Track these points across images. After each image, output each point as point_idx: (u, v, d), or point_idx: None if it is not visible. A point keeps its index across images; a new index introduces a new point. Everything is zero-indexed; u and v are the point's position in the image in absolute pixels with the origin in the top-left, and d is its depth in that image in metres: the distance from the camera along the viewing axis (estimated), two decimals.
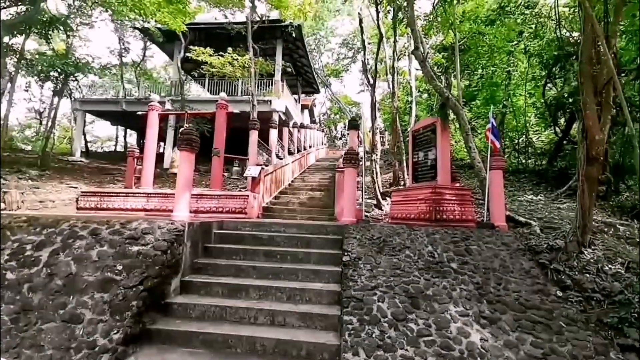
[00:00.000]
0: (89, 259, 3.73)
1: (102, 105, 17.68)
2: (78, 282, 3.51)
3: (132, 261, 3.78)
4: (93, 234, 4.03)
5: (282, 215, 8.09)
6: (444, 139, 6.57)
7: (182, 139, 4.63)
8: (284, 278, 4.46)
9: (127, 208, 7.53)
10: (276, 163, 10.04)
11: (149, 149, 8.27)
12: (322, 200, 9.33)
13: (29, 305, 3.24)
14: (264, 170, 8.24)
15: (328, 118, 39.38)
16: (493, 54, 10.33)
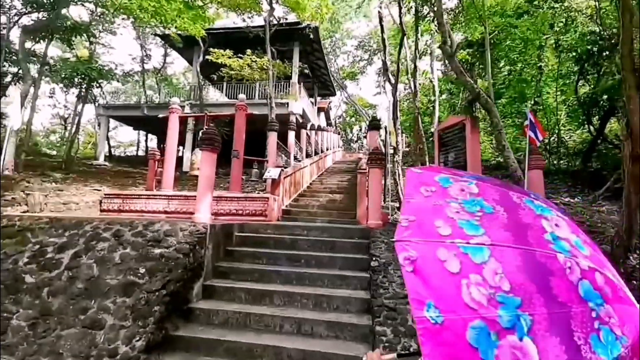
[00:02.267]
0: (111, 262, 3.62)
1: (124, 110, 18.13)
2: (100, 285, 3.39)
3: (155, 264, 3.64)
4: (116, 236, 3.93)
5: (303, 218, 7.87)
6: (474, 138, 6.22)
7: (203, 138, 4.51)
8: (309, 284, 4.23)
9: (148, 210, 7.50)
10: (295, 165, 9.87)
11: (169, 151, 8.27)
12: (342, 203, 9.07)
13: (48, 310, 3.14)
14: (283, 172, 8.07)
15: (344, 121, 39.15)
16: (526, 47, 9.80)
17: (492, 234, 0.85)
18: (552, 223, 0.91)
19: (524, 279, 0.79)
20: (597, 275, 0.83)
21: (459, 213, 0.91)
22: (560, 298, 0.78)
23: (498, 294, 0.77)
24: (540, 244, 0.85)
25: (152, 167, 8.85)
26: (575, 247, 0.86)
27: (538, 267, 0.81)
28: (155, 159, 8.90)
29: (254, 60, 10.24)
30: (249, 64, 10.27)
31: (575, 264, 0.82)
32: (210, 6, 15.69)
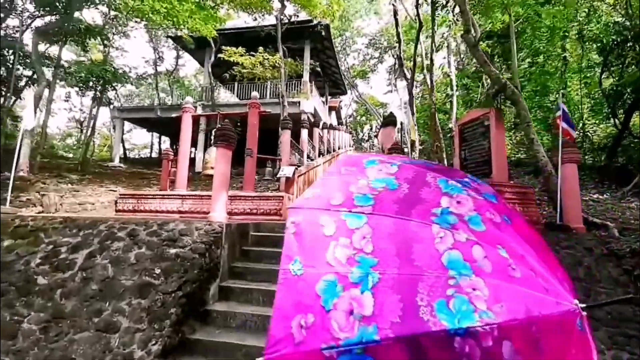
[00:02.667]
0: (126, 262, 3.49)
1: (138, 112, 18.30)
2: (115, 286, 3.26)
3: (170, 264, 3.49)
4: (131, 235, 3.80)
5: None
6: (499, 131, 5.89)
7: (218, 134, 4.35)
8: None
9: (162, 210, 7.43)
10: (308, 164, 9.68)
11: (182, 151, 8.19)
12: None
13: (61, 313, 3.01)
14: (297, 171, 7.89)
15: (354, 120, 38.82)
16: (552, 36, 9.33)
17: (379, 206, 0.94)
18: (453, 200, 0.96)
19: (387, 243, 0.86)
20: (477, 249, 0.85)
21: (361, 188, 1.00)
22: (416, 262, 0.83)
23: (358, 255, 0.86)
24: (422, 215, 0.91)
25: (165, 167, 8.80)
26: (464, 222, 0.90)
27: (407, 234, 0.88)
28: (168, 159, 8.85)
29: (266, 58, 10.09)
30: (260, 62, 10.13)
31: (450, 235, 0.86)
32: (221, 7, 15.72)
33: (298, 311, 0.85)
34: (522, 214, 1.30)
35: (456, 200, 0.97)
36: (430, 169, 1.11)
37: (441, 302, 0.78)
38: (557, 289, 0.86)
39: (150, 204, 7.57)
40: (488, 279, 0.81)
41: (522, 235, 0.97)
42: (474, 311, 0.77)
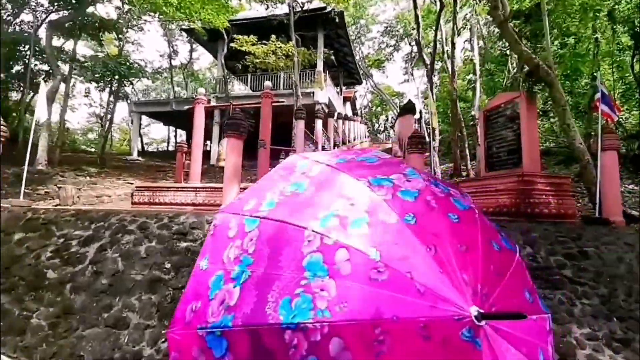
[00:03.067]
0: (136, 256, 3.38)
1: (154, 106, 18.46)
2: (125, 281, 3.16)
3: (181, 258, 3.36)
4: (141, 229, 3.70)
5: None
6: (530, 117, 5.45)
7: (229, 123, 4.17)
8: None
9: (177, 202, 7.39)
10: None
11: (196, 142, 8.12)
12: None
13: (70, 308, 2.93)
14: None
15: (369, 111, 38.12)
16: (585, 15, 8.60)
17: (274, 211, 1.04)
18: (347, 203, 1.00)
19: (266, 246, 0.97)
20: (341, 252, 0.89)
21: (274, 194, 1.10)
22: (281, 263, 0.92)
23: (243, 255, 0.99)
24: (303, 220, 0.97)
25: (180, 159, 8.76)
26: (344, 225, 0.94)
27: (283, 238, 0.97)
28: (182, 151, 8.80)
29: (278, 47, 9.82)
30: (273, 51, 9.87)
31: (318, 239, 0.92)
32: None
33: (194, 298, 1.01)
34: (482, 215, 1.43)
35: (350, 203, 1.00)
36: (360, 166, 1.16)
37: (287, 299, 0.86)
38: (448, 294, 0.82)
39: (165, 196, 7.55)
40: (341, 280, 0.85)
41: (453, 236, 0.97)
42: (311, 309, 0.83)
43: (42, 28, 11.75)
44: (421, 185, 1.10)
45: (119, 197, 8.33)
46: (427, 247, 0.90)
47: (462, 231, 1.00)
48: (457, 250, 0.93)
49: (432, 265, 0.87)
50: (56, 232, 3.67)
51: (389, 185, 1.07)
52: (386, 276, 0.84)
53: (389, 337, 0.78)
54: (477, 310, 0.80)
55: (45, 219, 3.82)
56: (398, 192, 1.04)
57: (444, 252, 0.90)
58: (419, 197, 1.05)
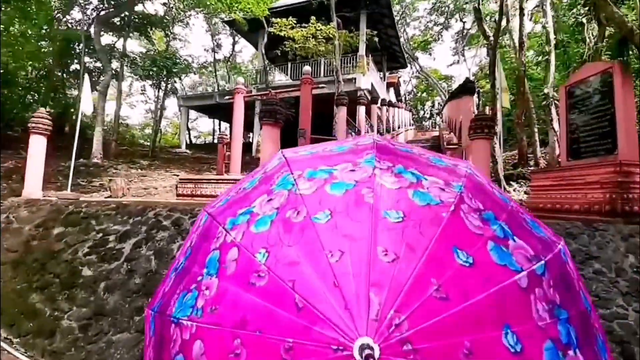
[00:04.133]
0: (169, 254, 3.19)
1: (200, 100, 19.09)
2: (157, 282, 2.96)
3: None
4: (175, 225, 3.51)
5: None
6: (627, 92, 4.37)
7: (264, 110, 3.80)
8: None
9: (217, 194, 7.37)
10: None
11: (235, 133, 8.00)
12: None
13: (102, 309, 2.80)
14: None
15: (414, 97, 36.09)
16: None
17: (222, 206, 1.04)
18: (266, 199, 0.96)
19: (197, 240, 1.03)
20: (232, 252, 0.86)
21: (236, 190, 1.11)
22: (197, 257, 0.95)
23: (188, 248, 1.03)
24: (225, 215, 0.99)
25: (221, 151, 8.76)
26: (249, 223, 0.90)
27: (206, 233, 1.00)
28: (224, 142, 8.78)
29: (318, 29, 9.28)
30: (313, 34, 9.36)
31: (223, 236, 0.92)
32: None
33: (161, 284, 1.04)
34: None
35: (269, 199, 0.95)
36: (315, 158, 1.08)
37: (184, 293, 0.88)
38: (333, 314, 0.67)
39: (206, 188, 7.56)
40: (224, 281, 0.82)
41: (382, 238, 0.78)
42: (192, 307, 0.83)
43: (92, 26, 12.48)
44: (364, 175, 0.93)
45: (165, 189, 8.57)
46: (330, 251, 0.77)
47: (400, 233, 0.80)
48: (376, 259, 0.75)
49: (326, 275, 0.74)
50: (95, 227, 3.63)
51: (322, 177, 0.96)
52: (265, 282, 0.77)
53: (246, 352, 0.71)
54: (368, 343, 0.64)
55: (85, 213, 3.81)
56: (327, 185, 0.93)
57: (354, 260, 0.75)
58: (353, 189, 0.90)
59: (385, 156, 1.01)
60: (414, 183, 0.93)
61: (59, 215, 3.82)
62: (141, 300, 2.88)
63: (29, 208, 4.28)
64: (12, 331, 2.94)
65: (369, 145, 1.12)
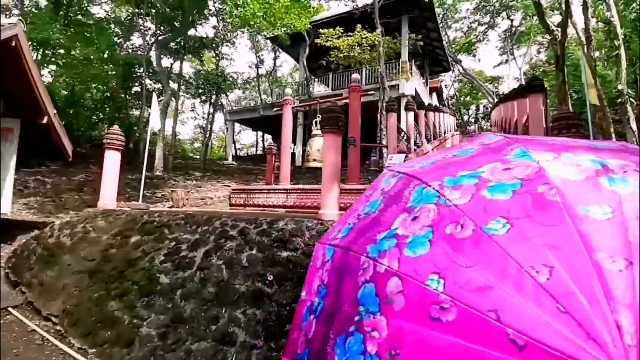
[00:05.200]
0: (239, 264, 3.19)
1: (244, 114, 19.95)
2: (230, 291, 2.97)
3: (283, 270, 3.04)
4: (242, 234, 3.54)
5: None
6: None
7: (326, 118, 3.75)
8: None
9: (269, 204, 7.48)
10: (418, 151, 8.49)
11: (285, 144, 8.12)
12: None
13: (180, 317, 2.85)
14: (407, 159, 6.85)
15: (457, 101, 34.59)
16: None
17: (344, 237, 1.02)
18: (410, 217, 0.87)
19: (333, 276, 0.96)
20: (392, 282, 0.76)
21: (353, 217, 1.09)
22: (342, 295, 0.88)
23: (321, 286, 0.99)
24: (361, 245, 0.91)
25: (269, 161, 8.94)
26: (400, 247, 0.81)
27: (343, 267, 0.94)
28: (272, 153, 8.96)
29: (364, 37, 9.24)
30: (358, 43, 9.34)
31: (372, 266, 0.82)
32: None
33: (295, 328, 1.05)
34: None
35: (413, 217, 0.86)
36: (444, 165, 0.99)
37: (342, 337, 0.80)
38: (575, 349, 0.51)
39: (258, 198, 7.73)
40: (393, 319, 0.72)
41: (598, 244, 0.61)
42: (361, 353, 0.74)
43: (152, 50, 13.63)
44: (529, 171, 0.79)
45: (219, 199, 8.91)
46: (532, 268, 0.61)
47: (619, 231, 0.61)
48: (601, 269, 0.57)
49: (540, 298, 0.57)
50: (168, 236, 3.78)
51: (471, 184, 0.85)
52: (453, 315, 0.63)
53: None
54: None
55: (159, 222, 3.99)
56: (483, 190, 0.81)
57: (573, 274, 0.58)
58: (523, 189, 0.76)
59: (538, 147, 0.89)
60: (600, 170, 0.77)
61: (134, 224, 4.05)
62: (215, 309, 2.89)
63: (105, 218, 4.61)
64: (86, 341, 2.98)
65: (506, 141, 1.00)
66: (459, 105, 34.67)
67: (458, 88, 34.50)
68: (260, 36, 20.09)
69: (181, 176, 10.44)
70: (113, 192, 5.49)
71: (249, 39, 21.62)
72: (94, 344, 2.94)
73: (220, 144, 33.65)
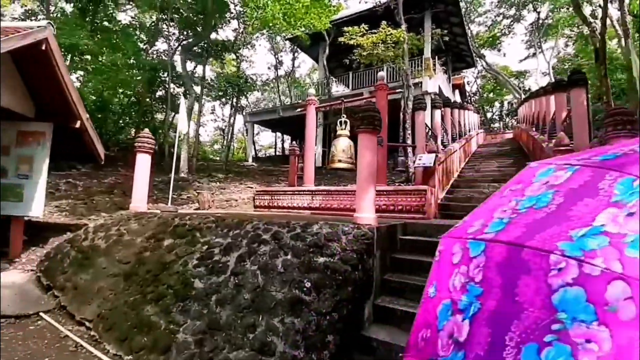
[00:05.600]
0: (274, 270, 3.08)
1: (264, 115, 20.05)
2: (266, 298, 2.86)
3: (320, 277, 2.91)
4: (275, 239, 3.44)
5: None
6: None
7: (362, 117, 3.58)
8: None
9: (294, 206, 7.39)
10: (447, 149, 8.17)
11: (308, 144, 8.00)
12: None
13: (216, 324, 2.76)
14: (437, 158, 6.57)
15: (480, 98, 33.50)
16: None
17: (504, 232, 0.93)
18: (622, 212, 0.77)
19: (495, 274, 0.87)
20: (616, 286, 0.65)
21: (505, 212, 1.01)
22: (518, 297, 0.78)
23: (469, 284, 0.92)
24: (545, 241, 0.81)
25: (293, 162, 8.85)
26: (617, 246, 0.71)
27: (517, 265, 0.83)
28: (295, 154, 8.87)
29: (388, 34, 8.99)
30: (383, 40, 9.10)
31: (575, 267, 0.72)
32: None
33: (424, 326, 1.01)
34: None
35: (627, 212, 0.75)
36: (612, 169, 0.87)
37: (532, 346, 0.71)
38: None
39: (283, 200, 7.66)
40: (620, 330, 0.61)
41: None
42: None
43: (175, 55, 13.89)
44: None
45: (243, 200, 8.91)
46: None
47: None
48: None
49: None
50: (200, 239, 3.73)
51: None
52: None
53: None
54: None
55: (190, 226, 3.96)
56: None
57: None
58: None
59: None
60: None
61: (166, 227, 4.04)
62: (252, 316, 2.79)
63: (138, 220, 4.63)
64: (123, 347, 2.91)
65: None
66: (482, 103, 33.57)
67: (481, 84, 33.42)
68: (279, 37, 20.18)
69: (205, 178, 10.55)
70: (144, 194, 5.54)
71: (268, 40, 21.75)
72: (130, 350, 2.90)
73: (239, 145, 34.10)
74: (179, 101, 7.89)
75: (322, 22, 14.43)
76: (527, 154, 10.69)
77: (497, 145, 15.20)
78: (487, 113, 33.49)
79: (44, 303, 4.03)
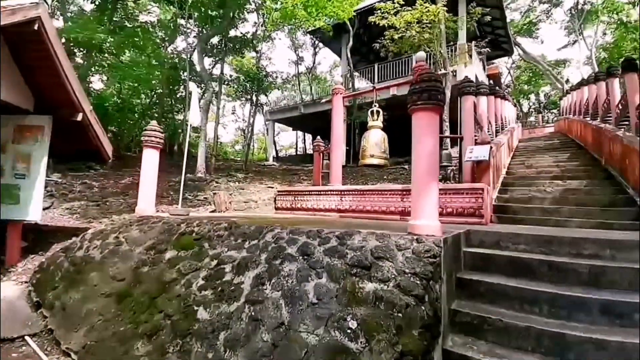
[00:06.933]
0: (304, 300, 2.23)
1: (285, 112, 19.40)
2: (294, 343, 2.01)
3: (370, 313, 2.02)
4: (304, 254, 2.59)
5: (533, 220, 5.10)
6: None
7: (419, 90, 2.64)
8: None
9: (319, 208, 6.55)
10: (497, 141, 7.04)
11: (336, 139, 7.13)
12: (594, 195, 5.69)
13: None
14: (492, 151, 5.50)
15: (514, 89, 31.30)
16: None
17: None
18: None
19: None
20: None
21: None
22: None
23: None
24: None
25: (317, 160, 8.01)
26: None
27: None
28: (319, 151, 8.02)
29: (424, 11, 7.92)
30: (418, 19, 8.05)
31: None
32: None
33: None
34: None
35: None
36: None
37: None
38: None
39: (307, 201, 6.84)
40: None
41: None
42: None
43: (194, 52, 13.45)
44: None
45: (263, 201, 8.18)
46: None
47: None
48: None
49: None
50: (209, 252, 2.95)
51: None
52: None
53: None
54: None
55: (198, 234, 3.20)
56: None
57: None
58: None
59: None
60: None
61: (170, 236, 3.31)
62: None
63: (140, 227, 3.94)
64: None
65: None
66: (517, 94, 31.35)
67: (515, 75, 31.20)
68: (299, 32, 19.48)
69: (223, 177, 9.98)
70: (152, 195, 4.88)
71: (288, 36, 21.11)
72: None
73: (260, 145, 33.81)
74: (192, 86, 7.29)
75: (346, 10, 13.56)
76: (583, 147, 9.31)
77: (541, 139, 13.73)
78: (523, 105, 31.26)
79: (32, 324, 3.41)
